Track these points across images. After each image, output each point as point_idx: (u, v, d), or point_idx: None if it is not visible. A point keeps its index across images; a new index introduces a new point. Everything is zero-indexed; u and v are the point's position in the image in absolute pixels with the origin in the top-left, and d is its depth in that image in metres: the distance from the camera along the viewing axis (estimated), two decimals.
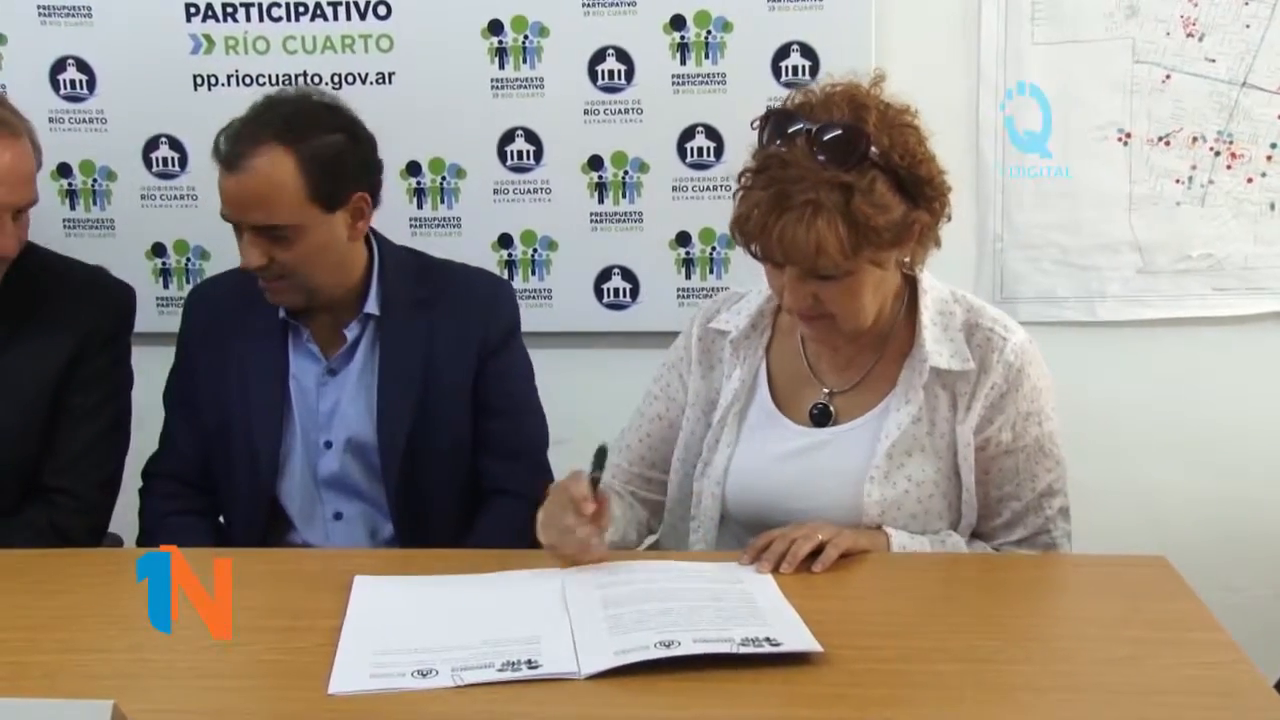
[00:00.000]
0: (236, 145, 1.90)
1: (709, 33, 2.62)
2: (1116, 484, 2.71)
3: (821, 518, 1.70)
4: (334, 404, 2.04)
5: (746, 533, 1.75)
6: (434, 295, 2.07)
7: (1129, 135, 2.60)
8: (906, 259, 1.71)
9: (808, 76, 2.59)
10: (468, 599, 1.58)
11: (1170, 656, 1.40)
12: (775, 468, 1.78)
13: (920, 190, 1.64)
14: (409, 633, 1.48)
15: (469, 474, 2.06)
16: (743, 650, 1.36)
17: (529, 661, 1.38)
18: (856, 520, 1.73)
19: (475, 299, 2.10)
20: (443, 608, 1.55)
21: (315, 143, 1.91)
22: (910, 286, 1.78)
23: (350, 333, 2.04)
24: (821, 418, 1.79)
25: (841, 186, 1.57)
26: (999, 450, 1.75)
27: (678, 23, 2.63)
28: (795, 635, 1.40)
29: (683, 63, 2.64)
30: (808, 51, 2.60)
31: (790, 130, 1.61)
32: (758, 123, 1.66)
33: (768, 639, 1.38)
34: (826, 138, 1.58)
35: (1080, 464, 2.67)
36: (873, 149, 1.59)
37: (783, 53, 2.60)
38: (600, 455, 1.66)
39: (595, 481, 1.63)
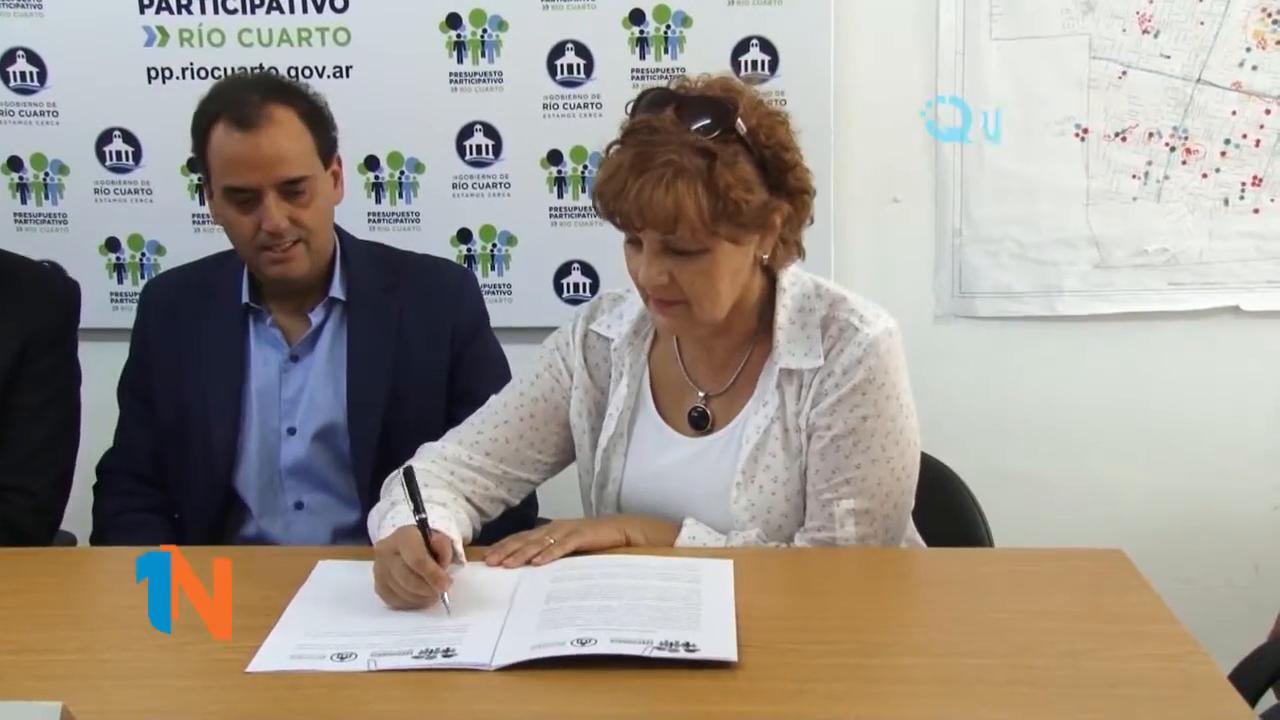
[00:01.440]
0: (252, 107, 1.91)
1: (668, 27, 2.62)
2: (1073, 477, 2.73)
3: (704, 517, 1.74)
4: (298, 390, 2.04)
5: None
6: (400, 282, 2.08)
7: (1086, 130, 2.62)
8: (765, 255, 1.68)
9: (767, 71, 2.59)
10: None
11: (1127, 649, 1.40)
12: (661, 480, 1.78)
13: (783, 178, 1.64)
14: (345, 617, 1.49)
15: None
16: (657, 654, 1.35)
17: (445, 650, 1.39)
18: (728, 527, 1.73)
19: (443, 286, 2.11)
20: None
21: (301, 103, 1.97)
22: (774, 287, 1.75)
23: (315, 317, 2.03)
24: (700, 421, 1.78)
25: (704, 152, 1.56)
26: (817, 434, 1.71)
27: (637, 17, 2.62)
28: (716, 643, 1.38)
29: (642, 57, 2.63)
30: (767, 46, 2.60)
31: (662, 103, 1.62)
32: (631, 104, 1.67)
33: (686, 644, 1.37)
34: (694, 106, 1.59)
35: (1037, 458, 2.72)
36: (739, 123, 1.59)
37: (742, 47, 2.60)
38: (411, 482, 1.58)
39: (423, 525, 1.54)
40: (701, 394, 1.79)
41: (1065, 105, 2.61)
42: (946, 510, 2.04)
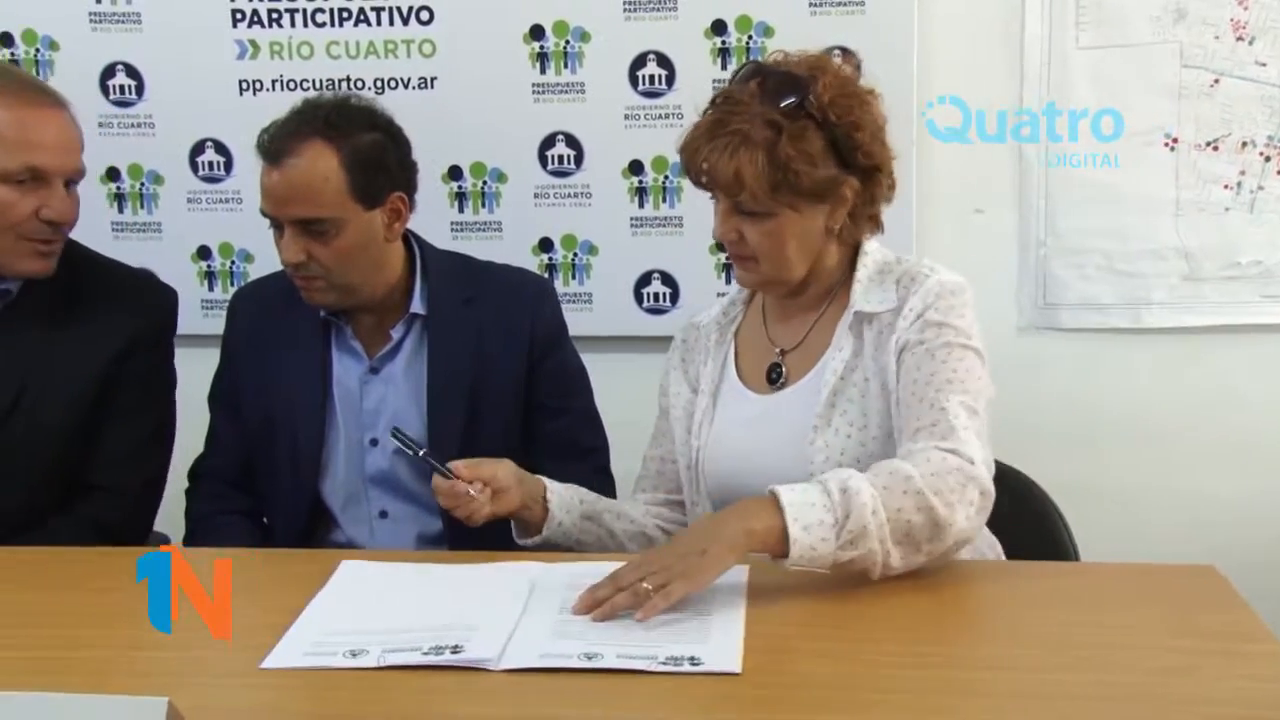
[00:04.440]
0: (280, 140, 1.93)
1: (750, 37, 2.62)
2: (1163, 493, 2.68)
3: (775, 476, 1.60)
4: (379, 402, 2.05)
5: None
6: (479, 294, 2.09)
7: (1176, 140, 2.57)
8: (836, 227, 1.75)
9: None
10: (438, 585, 1.61)
11: (1221, 668, 1.37)
12: (736, 435, 1.82)
13: (852, 155, 1.71)
14: (362, 614, 1.52)
15: None
16: (663, 669, 1.35)
17: (454, 647, 1.40)
18: (805, 472, 1.69)
19: (521, 297, 2.12)
20: (408, 593, 1.59)
21: (356, 140, 1.94)
22: (855, 254, 1.82)
23: (396, 332, 2.05)
24: (776, 376, 1.83)
25: (772, 124, 1.66)
26: (909, 350, 1.72)
27: (719, 28, 2.63)
28: (721, 656, 1.38)
29: (724, 68, 2.63)
30: (850, 56, 2.58)
31: (751, 75, 1.72)
32: (731, 72, 1.80)
33: (690, 658, 1.37)
34: (774, 80, 1.70)
35: (1125, 472, 2.68)
36: (811, 99, 1.67)
37: None
38: (398, 435, 1.81)
39: (428, 458, 1.75)
40: (778, 349, 1.84)
41: (1154, 114, 2.57)
42: (1030, 524, 2.01)
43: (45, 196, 1.91)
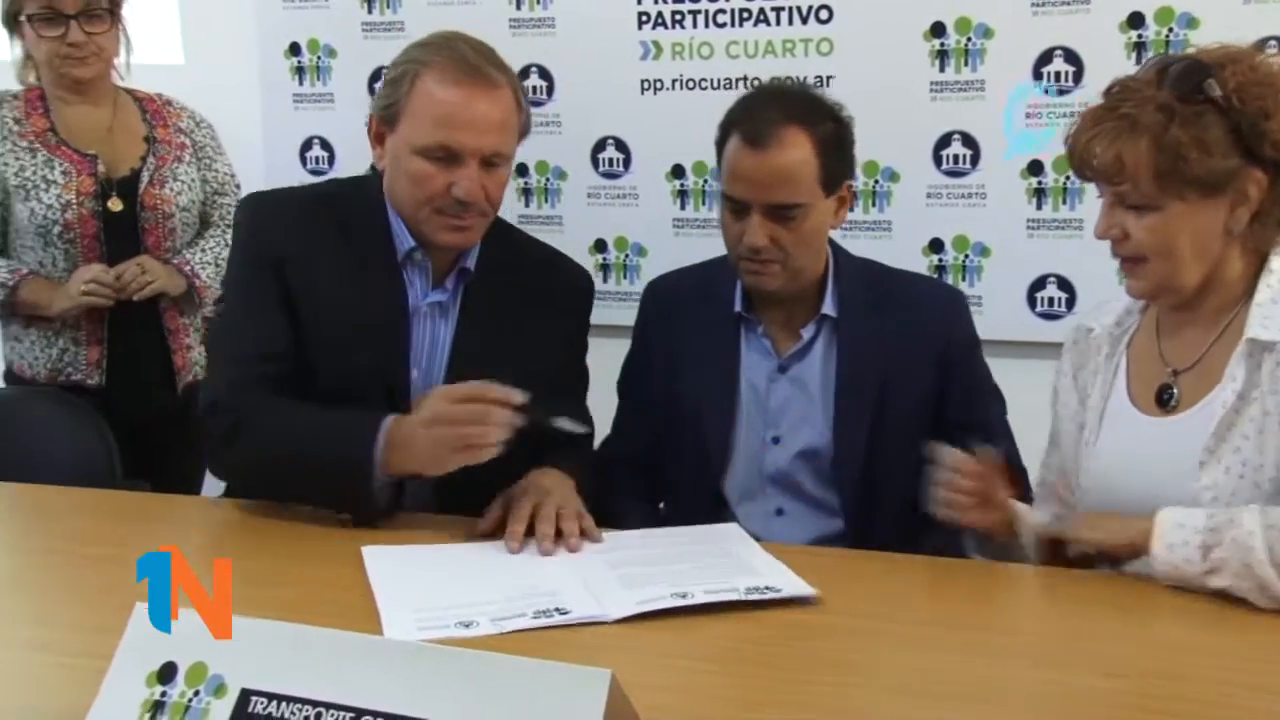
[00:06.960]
0: (765, 126, 1.94)
1: (1171, 30, 2.47)
2: None
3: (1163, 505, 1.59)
4: (784, 402, 2.06)
5: None
6: (890, 301, 2.05)
7: None
8: (1238, 229, 1.59)
9: None
10: (478, 564, 1.69)
11: None
12: (1121, 460, 1.71)
13: (1259, 145, 1.55)
14: (438, 592, 1.57)
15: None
16: (749, 597, 1.50)
17: (559, 609, 1.49)
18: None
19: (932, 308, 2.07)
20: (458, 571, 1.66)
21: (824, 128, 1.96)
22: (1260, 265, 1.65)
23: (807, 332, 2.05)
24: (1167, 398, 1.70)
25: (1164, 108, 1.55)
26: None
27: (1136, 20, 2.49)
28: (793, 583, 1.54)
29: (1138, 62, 2.48)
30: None
31: (1155, 65, 1.62)
32: None
33: (768, 587, 1.53)
34: (1175, 66, 1.58)
35: None
36: (1211, 84, 1.54)
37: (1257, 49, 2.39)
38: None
39: None
40: (1169, 369, 1.71)
41: None
42: None
43: (458, 174, 1.94)
